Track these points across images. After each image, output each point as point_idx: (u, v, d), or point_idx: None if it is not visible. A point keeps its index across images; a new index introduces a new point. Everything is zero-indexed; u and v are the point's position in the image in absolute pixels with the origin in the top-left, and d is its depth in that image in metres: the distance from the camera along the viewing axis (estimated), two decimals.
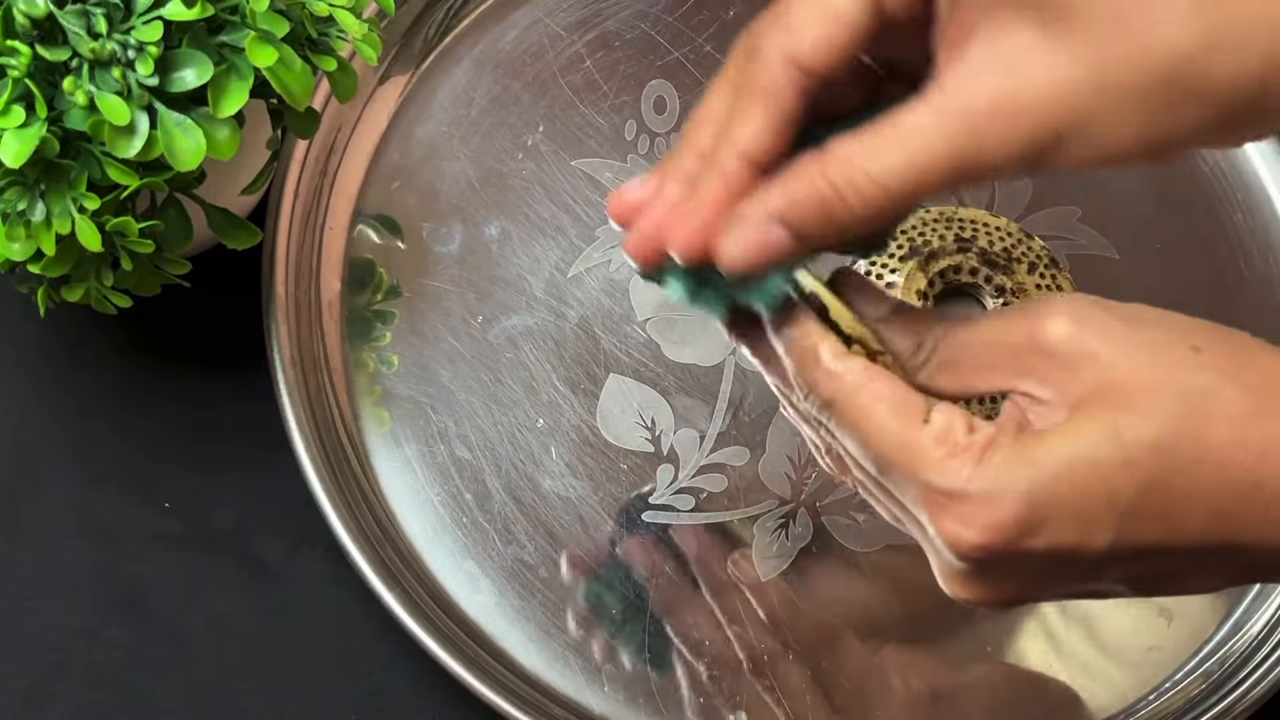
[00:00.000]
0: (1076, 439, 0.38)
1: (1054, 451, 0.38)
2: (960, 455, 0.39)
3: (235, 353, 0.64)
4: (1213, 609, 0.62)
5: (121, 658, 0.60)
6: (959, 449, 0.39)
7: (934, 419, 0.40)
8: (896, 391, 0.41)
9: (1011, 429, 0.40)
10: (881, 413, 0.41)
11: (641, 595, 0.60)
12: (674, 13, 0.71)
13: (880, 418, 0.41)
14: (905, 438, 0.40)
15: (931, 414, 0.40)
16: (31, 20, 0.50)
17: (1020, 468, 0.38)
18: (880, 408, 0.41)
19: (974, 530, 0.39)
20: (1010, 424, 0.40)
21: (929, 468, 0.40)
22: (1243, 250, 0.68)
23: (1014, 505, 0.38)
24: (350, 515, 0.60)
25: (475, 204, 0.67)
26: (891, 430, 0.40)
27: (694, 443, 0.63)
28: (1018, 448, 0.39)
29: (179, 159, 0.52)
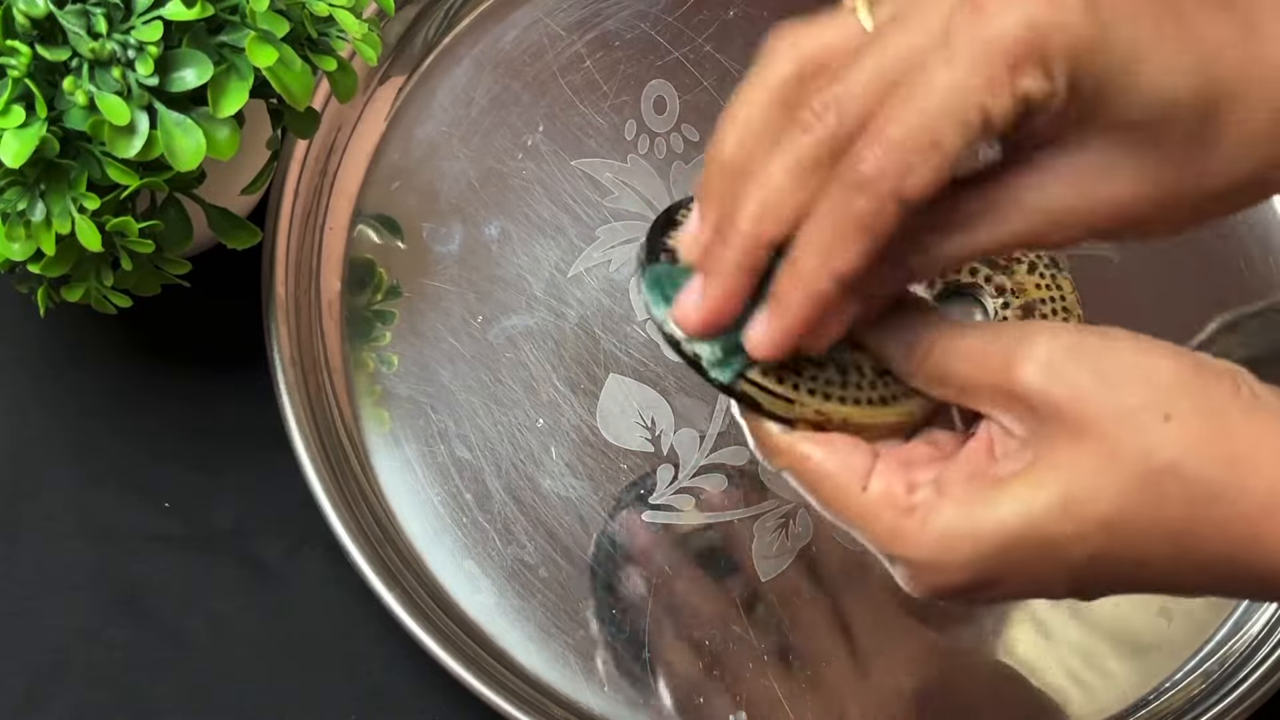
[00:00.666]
0: (1028, 508, 0.39)
1: (1004, 522, 0.39)
2: (904, 520, 0.41)
3: (235, 353, 0.64)
4: (1213, 609, 0.62)
5: (121, 658, 0.60)
6: (901, 513, 0.41)
7: (872, 486, 0.42)
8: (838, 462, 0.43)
9: (961, 478, 0.41)
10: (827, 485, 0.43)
11: (642, 595, 0.60)
12: (674, 13, 0.71)
13: (828, 488, 0.43)
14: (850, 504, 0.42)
15: (870, 481, 0.42)
16: (31, 20, 0.50)
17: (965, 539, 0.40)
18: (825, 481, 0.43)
19: (924, 588, 0.42)
20: (961, 471, 0.41)
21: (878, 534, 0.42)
22: (1243, 250, 0.68)
23: (961, 573, 0.40)
24: (350, 515, 0.60)
25: (475, 204, 0.67)
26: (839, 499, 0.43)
27: (694, 443, 0.63)
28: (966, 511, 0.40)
29: (179, 159, 0.52)
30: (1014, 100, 0.38)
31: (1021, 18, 0.37)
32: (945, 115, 0.37)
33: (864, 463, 0.43)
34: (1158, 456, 0.38)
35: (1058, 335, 0.41)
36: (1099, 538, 0.39)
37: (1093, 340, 0.40)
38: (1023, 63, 0.37)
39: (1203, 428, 0.38)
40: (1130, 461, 0.38)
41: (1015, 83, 0.37)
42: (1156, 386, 0.39)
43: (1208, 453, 0.38)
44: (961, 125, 0.38)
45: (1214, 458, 0.38)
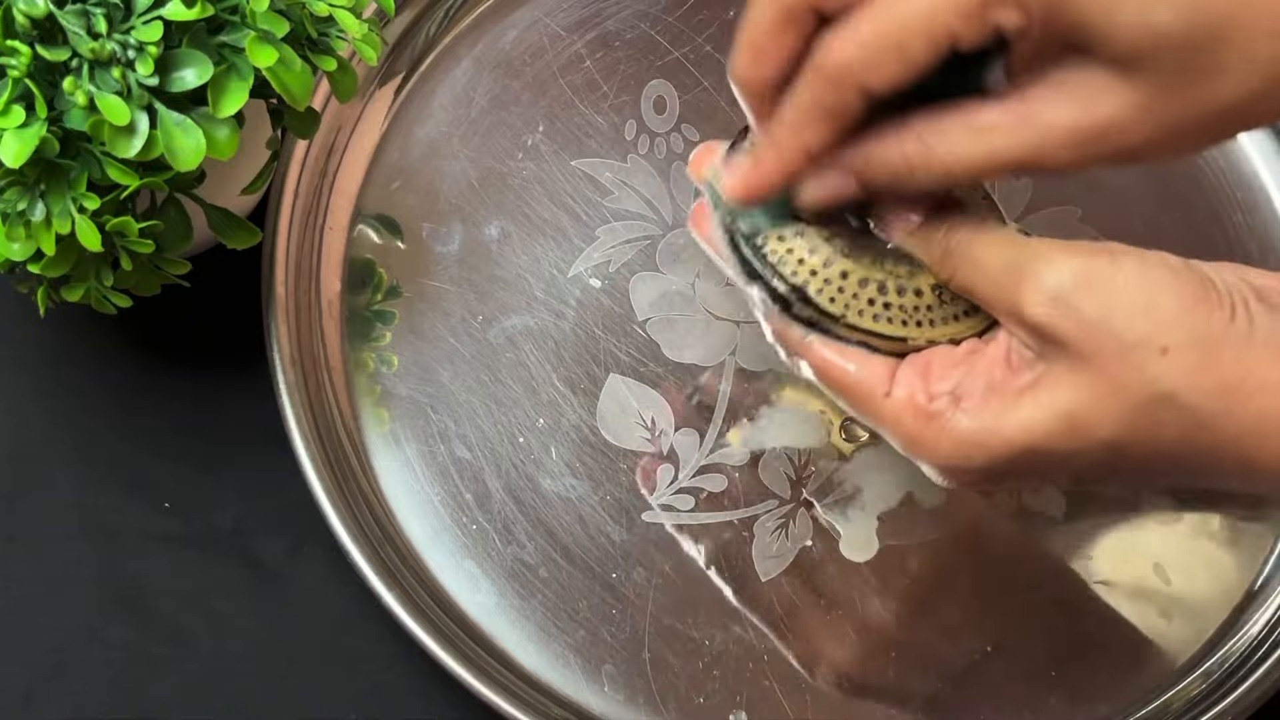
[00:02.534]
0: (1035, 426, 0.43)
1: (1012, 439, 0.43)
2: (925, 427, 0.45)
3: (235, 353, 0.64)
4: (1213, 609, 0.62)
5: (121, 658, 0.60)
6: (922, 420, 0.45)
7: (895, 392, 0.46)
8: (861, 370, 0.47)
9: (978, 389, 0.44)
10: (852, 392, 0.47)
11: (642, 595, 0.60)
12: (674, 13, 0.71)
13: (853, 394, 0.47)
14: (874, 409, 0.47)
15: (893, 387, 0.46)
16: (31, 20, 0.50)
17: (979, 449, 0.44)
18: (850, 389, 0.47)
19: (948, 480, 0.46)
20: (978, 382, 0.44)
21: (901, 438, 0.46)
22: (1243, 250, 0.68)
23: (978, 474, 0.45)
24: (350, 515, 0.60)
25: (475, 204, 0.67)
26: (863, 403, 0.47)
27: (694, 443, 0.63)
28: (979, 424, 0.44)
29: (179, 159, 0.52)
30: (983, 27, 0.41)
31: None
32: (914, 27, 0.41)
33: (886, 369, 0.47)
34: (1155, 387, 0.41)
35: (1064, 262, 0.43)
36: (1100, 453, 0.42)
37: (1099, 267, 0.42)
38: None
39: (1197, 359, 0.41)
40: (1130, 391, 0.41)
41: (985, 13, 0.41)
42: (1156, 319, 0.41)
43: (1200, 383, 0.41)
44: (928, 40, 0.41)
45: (1206, 388, 0.41)
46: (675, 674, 0.59)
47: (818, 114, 0.44)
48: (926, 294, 0.47)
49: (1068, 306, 0.42)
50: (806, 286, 0.48)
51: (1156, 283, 0.42)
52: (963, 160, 0.43)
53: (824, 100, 0.43)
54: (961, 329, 0.47)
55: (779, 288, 0.48)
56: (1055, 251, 0.43)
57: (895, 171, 0.45)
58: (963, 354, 0.46)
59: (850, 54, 0.42)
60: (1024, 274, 0.43)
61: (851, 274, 0.47)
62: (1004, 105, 0.43)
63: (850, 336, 0.47)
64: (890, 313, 0.47)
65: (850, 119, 0.44)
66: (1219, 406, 0.41)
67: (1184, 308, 0.41)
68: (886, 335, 0.47)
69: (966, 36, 0.41)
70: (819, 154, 0.45)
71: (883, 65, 0.42)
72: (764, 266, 0.48)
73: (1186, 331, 0.41)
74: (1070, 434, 0.42)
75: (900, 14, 0.41)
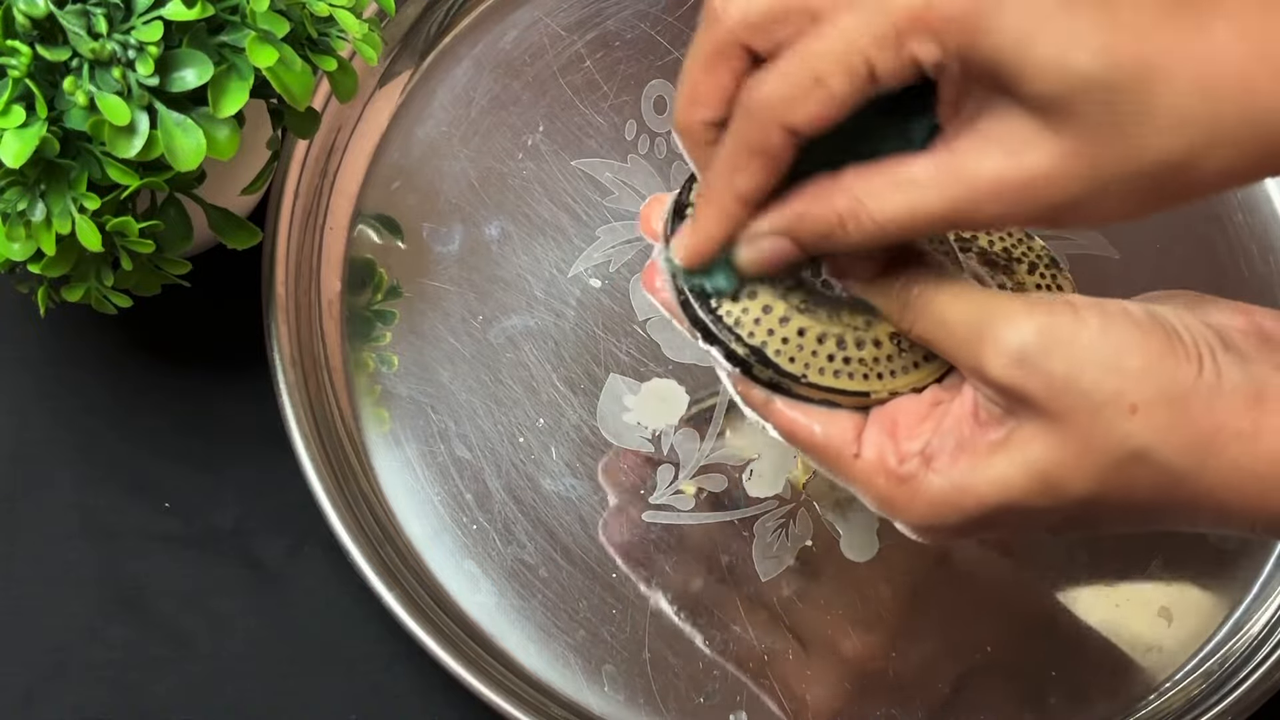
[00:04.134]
0: (1008, 484, 0.42)
1: (985, 498, 0.43)
2: (896, 489, 0.44)
3: (235, 353, 0.64)
4: (1213, 609, 0.62)
5: (121, 658, 0.60)
6: (893, 482, 0.44)
7: (864, 453, 0.45)
8: (828, 430, 0.46)
9: (948, 447, 0.44)
10: (819, 452, 0.47)
11: (642, 595, 0.60)
12: (674, 13, 0.71)
13: (820, 455, 0.47)
14: (844, 470, 0.46)
15: (862, 448, 0.45)
16: (31, 20, 0.50)
17: (952, 510, 0.43)
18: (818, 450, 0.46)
19: (921, 539, 0.46)
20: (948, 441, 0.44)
21: (873, 499, 0.45)
22: (1243, 250, 0.68)
23: (951, 532, 0.44)
24: (350, 515, 0.60)
25: (475, 204, 0.67)
26: (831, 463, 0.46)
27: (694, 443, 0.63)
28: (952, 485, 0.43)
29: (179, 159, 0.52)
30: (900, 61, 0.40)
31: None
32: (833, 60, 0.41)
33: (853, 428, 0.46)
34: (1127, 445, 0.41)
35: (1027, 320, 0.42)
36: (1075, 510, 0.42)
37: (1062, 324, 0.41)
38: (911, 29, 0.40)
39: (1167, 415, 0.40)
40: (1102, 450, 0.41)
41: (902, 46, 0.40)
42: (1123, 376, 0.41)
43: (1172, 439, 0.40)
44: (847, 72, 0.40)
45: (1178, 444, 0.40)
46: (675, 674, 0.59)
47: (745, 156, 0.43)
48: (886, 344, 0.47)
49: (1033, 367, 0.41)
50: (764, 348, 0.46)
51: (1121, 338, 0.41)
52: (891, 216, 0.42)
53: (750, 140, 0.42)
54: (923, 376, 0.47)
55: (737, 350, 0.46)
56: (1016, 308, 0.42)
57: (828, 229, 0.43)
58: (927, 406, 0.45)
59: (772, 89, 0.41)
60: (985, 332, 0.42)
61: (809, 330, 0.46)
62: (932, 157, 0.42)
63: (812, 395, 0.46)
64: (851, 367, 0.46)
65: (779, 161, 0.43)
66: (1192, 461, 0.40)
67: (1150, 363, 0.41)
68: (849, 391, 0.46)
69: (885, 70, 0.40)
70: (752, 201, 0.44)
71: (804, 101, 0.41)
72: (720, 328, 0.47)
73: (1154, 387, 0.40)
74: (1044, 492, 0.42)
75: (818, 47, 0.41)
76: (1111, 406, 0.40)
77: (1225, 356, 0.41)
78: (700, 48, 0.43)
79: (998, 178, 0.41)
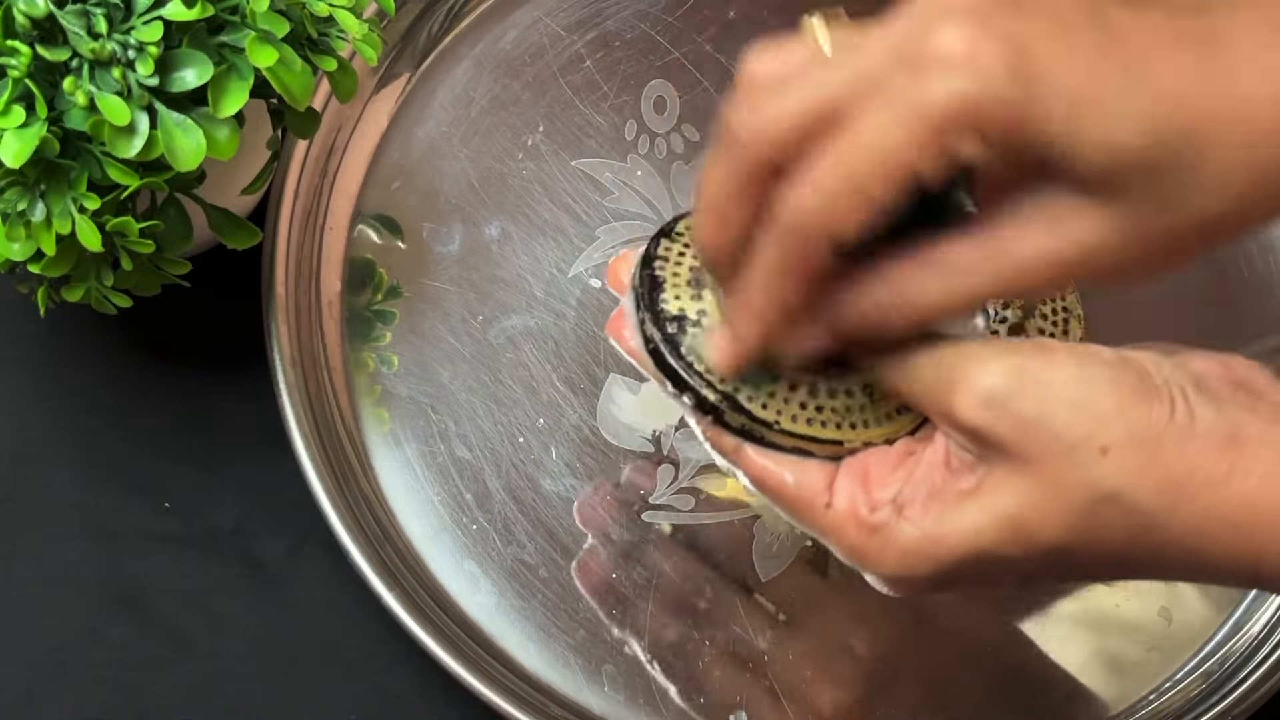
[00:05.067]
0: (979, 532, 0.42)
1: (956, 547, 0.42)
2: (868, 539, 0.44)
3: (235, 353, 0.64)
4: (1213, 609, 0.62)
5: (121, 658, 0.60)
6: (865, 532, 0.44)
7: (835, 503, 0.45)
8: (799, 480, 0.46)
9: (920, 496, 0.43)
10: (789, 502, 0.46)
11: (642, 595, 0.60)
12: (674, 13, 0.71)
13: (791, 504, 0.46)
14: (815, 520, 0.45)
15: (834, 498, 0.45)
16: (31, 20, 0.50)
17: (923, 560, 0.43)
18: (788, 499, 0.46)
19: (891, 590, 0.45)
20: (919, 490, 0.43)
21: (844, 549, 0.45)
22: (1243, 250, 0.68)
23: (922, 583, 0.44)
24: (350, 515, 0.60)
25: (475, 204, 0.67)
26: (802, 513, 0.46)
27: (694, 443, 0.63)
28: (923, 534, 0.42)
29: (179, 159, 0.52)
30: (944, 160, 0.39)
31: (952, 90, 0.38)
32: (874, 168, 0.39)
33: (824, 477, 0.46)
34: (1099, 488, 0.40)
35: (996, 363, 0.41)
36: (1047, 556, 0.42)
37: (1032, 367, 0.41)
38: (951, 130, 0.38)
39: (1138, 458, 0.40)
40: (1074, 493, 0.40)
41: (944, 146, 0.38)
42: (1094, 418, 0.40)
43: (1143, 481, 0.40)
44: (889, 180, 0.39)
45: (1149, 487, 0.40)
46: (675, 674, 0.59)
47: (788, 272, 0.42)
48: (858, 394, 0.46)
49: (1003, 409, 0.41)
50: (737, 394, 0.46)
51: (1093, 380, 0.41)
52: (936, 303, 0.42)
53: (793, 256, 0.41)
54: (895, 428, 0.46)
55: (708, 396, 0.46)
56: (986, 351, 0.42)
57: (869, 321, 0.43)
58: (899, 455, 0.45)
59: (813, 205, 0.40)
60: (955, 376, 0.42)
61: (781, 378, 0.46)
62: (975, 241, 0.41)
63: (784, 443, 0.46)
64: (824, 415, 0.46)
65: (821, 270, 0.42)
66: (1164, 504, 0.40)
67: (1122, 405, 0.40)
68: (821, 439, 0.46)
69: (928, 171, 0.39)
70: (794, 310, 0.43)
71: (847, 212, 0.39)
72: (691, 375, 0.46)
73: (1126, 429, 0.40)
74: (1015, 538, 0.41)
75: (858, 157, 0.39)
76: (1083, 448, 0.40)
77: (1198, 399, 0.41)
78: (722, 171, 0.42)
79: (1049, 254, 0.40)
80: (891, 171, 0.39)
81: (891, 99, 0.38)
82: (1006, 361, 0.41)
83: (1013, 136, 0.38)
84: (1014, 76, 0.38)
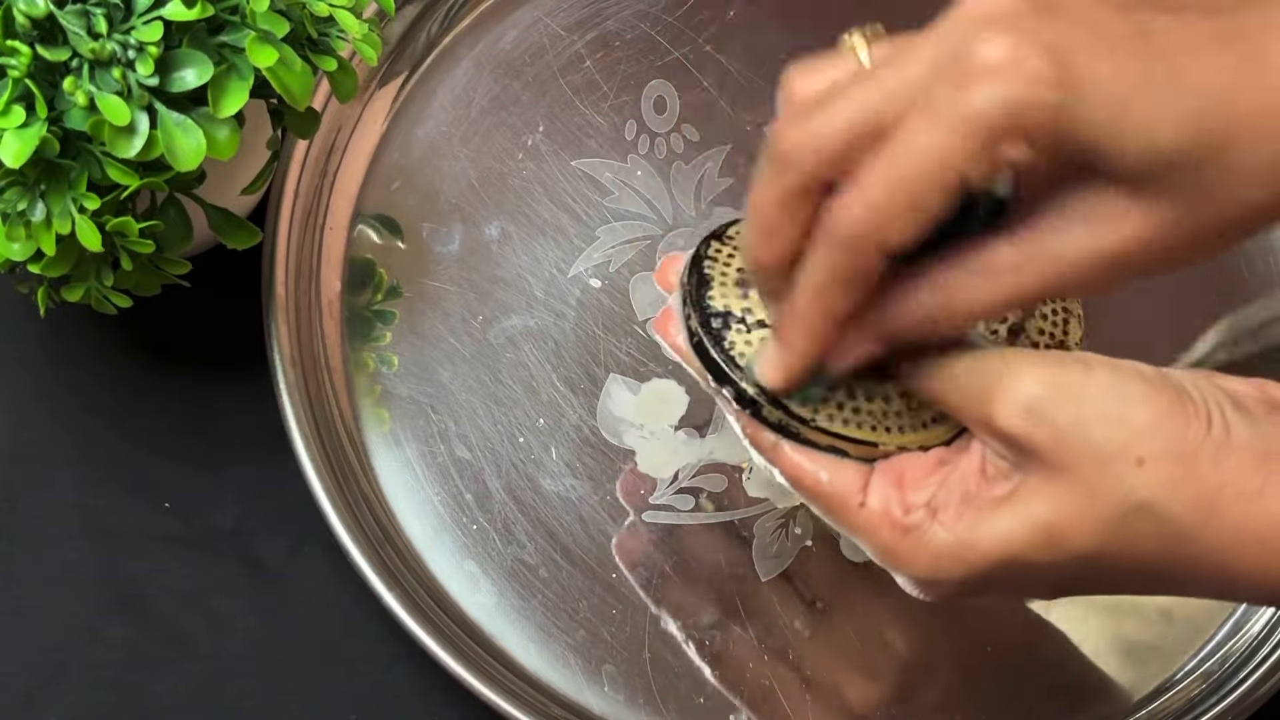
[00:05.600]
0: (1012, 538, 0.42)
1: (989, 552, 0.43)
2: (901, 540, 0.44)
3: (235, 353, 0.64)
4: (1213, 609, 0.62)
5: (121, 658, 0.60)
6: (898, 533, 0.44)
7: (870, 503, 0.45)
8: (834, 478, 0.46)
9: (954, 500, 0.44)
10: (824, 500, 0.47)
11: (642, 595, 0.60)
12: (674, 13, 0.71)
13: (825, 502, 0.47)
14: (848, 519, 0.46)
15: (868, 497, 0.46)
16: (31, 20, 0.50)
17: (956, 563, 0.43)
18: (823, 497, 0.47)
19: (922, 594, 0.46)
20: (954, 494, 0.44)
21: (876, 549, 0.46)
22: (1243, 250, 0.68)
23: (953, 587, 0.44)
24: (350, 515, 0.60)
25: (475, 204, 0.67)
26: (836, 512, 0.47)
27: (694, 442, 0.63)
28: (956, 537, 0.43)
29: (179, 159, 0.52)
30: (992, 167, 0.39)
31: (997, 96, 0.38)
32: (924, 179, 0.39)
33: (860, 477, 0.46)
34: (1133, 498, 0.41)
35: (1036, 372, 0.42)
36: (1078, 566, 0.42)
37: (1072, 377, 0.42)
38: (999, 138, 0.39)
39: (1174, 470, 0.40)
40: (1107, 503, 0.41)
41: (993, 153, 0.39)
42: (1131, 429, 0.41)
43: (1177, 494, 0.40)
44: (939, 189, 0.40)
45: (1183, 500, 0.40)
46: (675, 674, 0.59)
47: (840, 284, 0.42)
48: (895, 399, 0.47)
49: (1041, 418, 0.41)
50: None
51: (1130, 393, 0.41)
52: (983, 304, 0.42)
53: (844, 269, 0.41)
54: (930, 436, 0.47)
55: (748, 390, 0.47)
56: (1026, 361, 0.42)
57: (918, 327, 0.43)
58: (934, 462, 0.46)
59: (864, 217, 0.40)
60: (995, 385, 0.42)
61: (824, 385, 0.47)
62: (1018, 241, 0.42)
63: (820, 440, 0.47)
64: (860, 417, 0.47)
65: (871, 280, 0.42)
66: (1198, 517, 0.40)
67: (1159, 418, 0.41)
68: (857, 440, 0.47)
69: (977, 178, 0.40)
70: (844, 320, 0.43)
71: (899, 223, 0.40)
72: (733, 369, 0.47)
73: (1162, 442, 0.41)
74: (1048, 545, 0.42)
75: (907, 167, 0.40)
76: (1119, 459, 0.40)
77: (1235, 415, 0.41)
78: (773, 189, 0.42)
79: (1092, 253, 0.41)
80: (941, 180, 0.39)
81: (937, 109, 0.39)
82: (1047, 371, 0.42)
83: (1058, 139, 0.39)
84: (1057, 80, 0.38)
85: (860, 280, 0.42)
